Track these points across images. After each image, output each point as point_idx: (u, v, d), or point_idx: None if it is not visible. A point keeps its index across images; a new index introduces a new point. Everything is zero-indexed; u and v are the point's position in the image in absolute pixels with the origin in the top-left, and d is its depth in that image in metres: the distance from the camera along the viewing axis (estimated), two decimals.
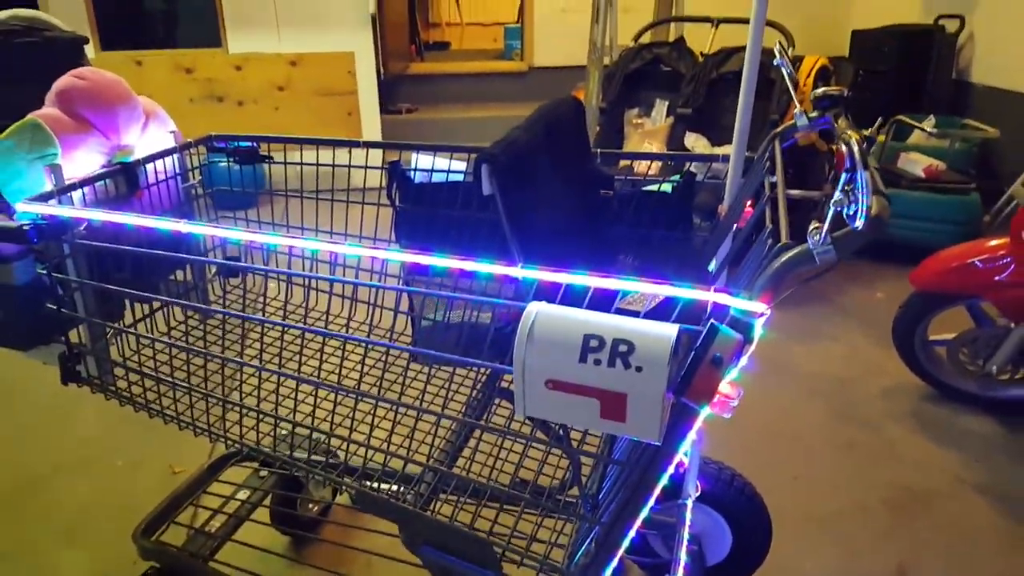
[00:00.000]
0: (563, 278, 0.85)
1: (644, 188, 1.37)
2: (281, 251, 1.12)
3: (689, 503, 1.47)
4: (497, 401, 1.44)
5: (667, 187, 1.37)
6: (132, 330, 1.23)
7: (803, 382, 2.60)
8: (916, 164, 3.57)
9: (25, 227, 1.06)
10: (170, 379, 1.18)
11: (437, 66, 6.25)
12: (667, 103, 3.57)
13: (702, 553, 1.60)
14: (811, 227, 0.77)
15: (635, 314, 0.85)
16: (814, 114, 1.24)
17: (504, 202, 0.90)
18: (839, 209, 0.71)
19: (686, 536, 1.44)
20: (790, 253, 0.78)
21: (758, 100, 1.35)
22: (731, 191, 1.35)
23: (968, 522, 1.91)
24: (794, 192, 3.32)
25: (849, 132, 0.78)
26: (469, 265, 0.87)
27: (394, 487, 1.18)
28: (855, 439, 2.27)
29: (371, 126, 4.95)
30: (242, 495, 1.55)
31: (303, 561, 1.70)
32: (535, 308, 0.81)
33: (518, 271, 0.86)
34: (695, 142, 3.38)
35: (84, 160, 1.26)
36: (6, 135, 1.19)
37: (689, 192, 1.34)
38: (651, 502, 0.93)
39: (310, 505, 1.80)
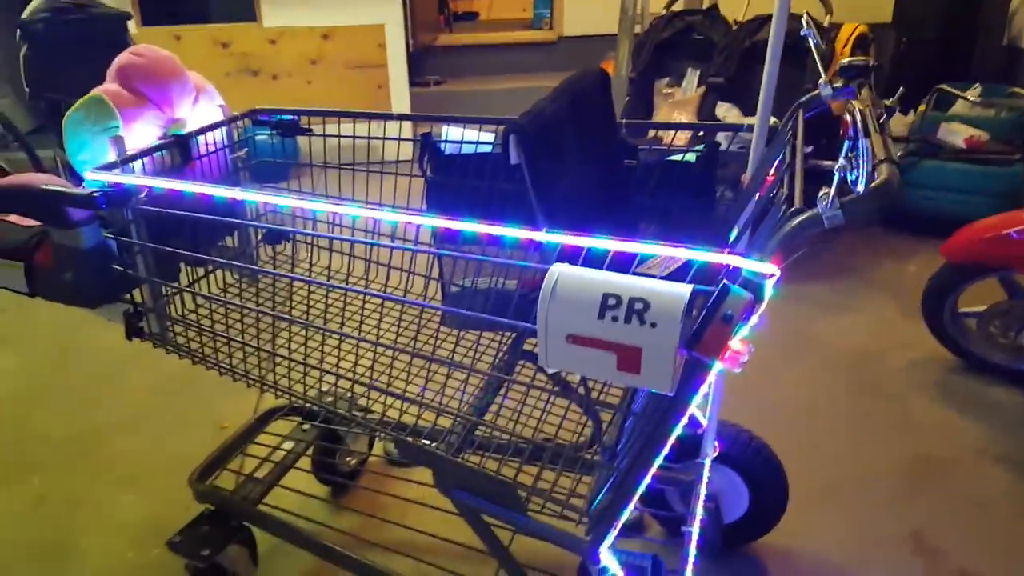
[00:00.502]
0: (585, 241, 0.91)
1: (668, 158, 1.42)
2: (322, 219, 1.20)
3: (707, 462, 1.54)
4: (521, 363, 1.52)
5: (691, 157, 1.41)
6: (191, 289, 1.34)
7: (828, 353, 2.62)
8: (957, 134, 3.51)
9: (94, 194, 1.16)
10: (224, 334, 1.28)
11: (465, 37, 6.23)
12: (699, 72, 3.55)
13: (719, 511, 1.67)
14: (821, 192, 0.82)
15: (653, 278, 0.91)
16: (839, 84, 1.28)
17: (530, 171, 0.96)
18: (843, 175, 0.76)
19: (703, 492, 1.51)
20: (800, 217, 0.83)
21: (792, 70, 1.37)
22: (754, 160, 1.39)
23: (986, 492, 1.93)
24: (825, 163, 3.30)
25: (854, 102, 0.82)
26: (496, 229, 0.94)
27: (428, 430, 1.27)
28: (877, 409, 2.29)
29: (400, 99, 5.01)
30: (287, 446, 1.67)
31: (345, 506, 1.82)
32: (558, 269, 0.87)
33: (542, 235, 0.92)
34: (727, 112, 3.37)
35: (142, 132, 1.36)
36: (74, 109, 1.29)
37: (712, 162, 1.38)
38: (665, 450, 1.00)
39: (348, 458, 1.91)
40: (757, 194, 1.36)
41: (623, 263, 0.92)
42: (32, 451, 2.13)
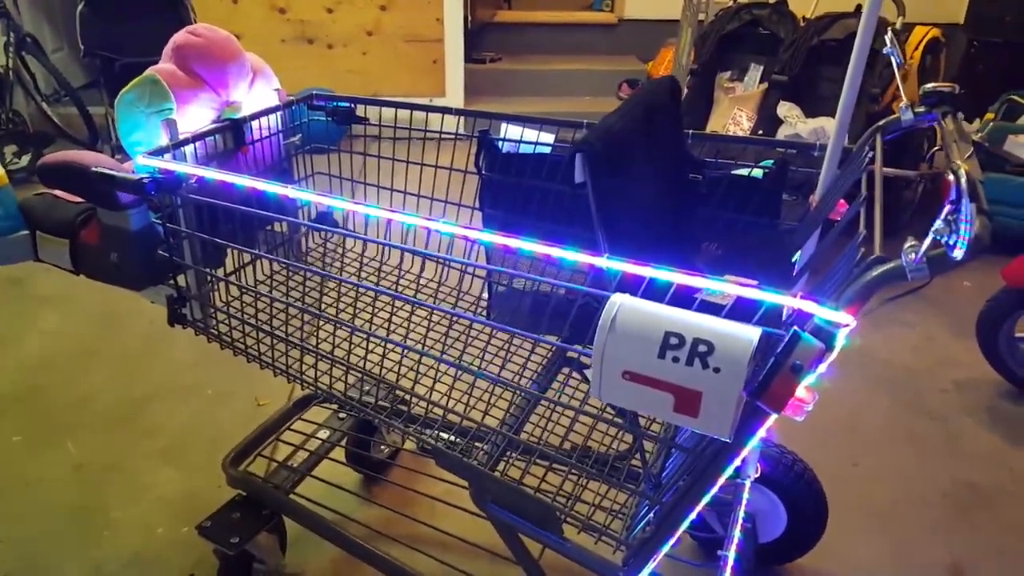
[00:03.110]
0: (647, 272, 0.87)
1: (734, 172, 1.36)
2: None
3: (747, 483, 1.50)
4: (566, 370, 1.49)
5: (758, 172, 1.35)
6: (232, 279, 1.32)
7: (873, 369, 2.55)
8: (1023, 148, 3.36)
9: (144, 180, 1.14)
10: (265, 326, 1.27)
11: (524, 15, 6.13)
12: (762, 68, 3.43)
13: (755, 531, 1.64)
14: (907, 244, 0.76)
15: (718, 308, 0.87)
16: (920, 109, 1.20)
17: (595, 193, 0.92)
18: (939, 238, 0.71)
19: (742, 515, 1.47)
20: (882, 268, 0.78)
21: None
22: (824, 182, 1.32)
23: None
24: (889, 171, 3.19)
25: (959, 162, 0.76)
26: (555, 252, 0.90)
27: (463, 442, 1.25)
28: (920, 430, 2.23)
29: (455, 75, 4.95)
30: (322, 434, 1.66)
31: (373, 500, 1.82)
32: (619, 300, 0.83)
33: (604, 262, 0.88)
34: (788, 112, 3.26)
35: (196, 115, 1.34)
36: (128, 89, 1.27)
37: (781, 180, 1.32)
38: (713, 491, 0.97)
39: (382, 448, 1.90)
40: (824, 218, 1.30)
41: (686, 289, 0.88)
42: (73, 416, 2.16)
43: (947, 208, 0.69)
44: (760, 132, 3.27)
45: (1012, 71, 4.27)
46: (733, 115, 3.41)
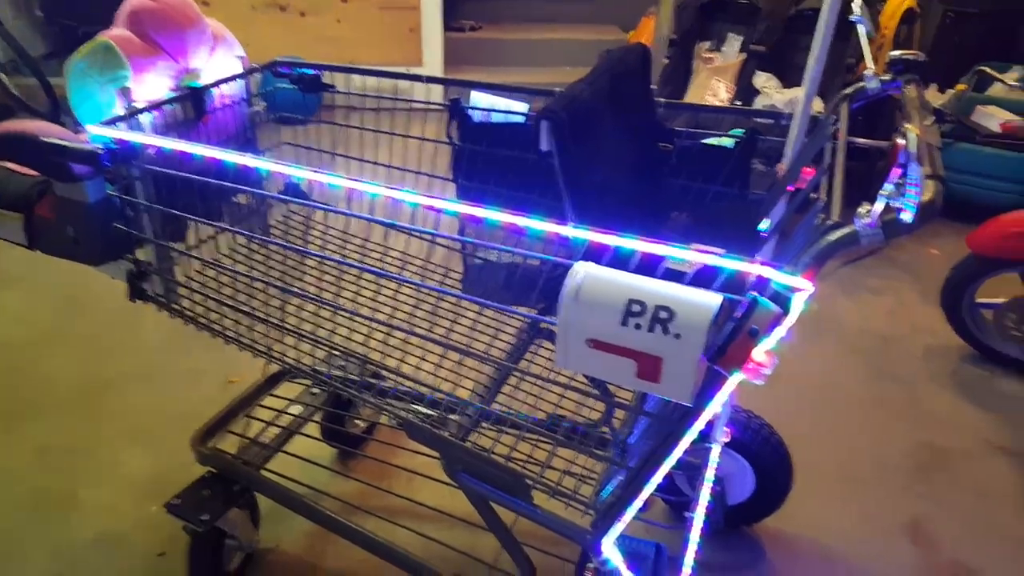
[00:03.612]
0: (613, 240, 0.86)
1: (704, 141, 1.36)
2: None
3: (716, 447, 1.52)
4: (539, 341, 1.49)
5: (728, 142, 1.35)
6: (195, 254, 1.30)
7: (844, 336, 2.59)
8: (992, 118, 3.39)
9: (98, 150, 1.11)
10: (230, 301, 1.25)
11: None
12: (741, 39, 3.42)
13: (724, 493, 1.67)
14: (861, 209, 0.77)
15: (681, 275, 0.87)
16: (886, 76, 1.21)
17: (561, 160, 0.91)
18: (888, 201, 0.71)
19: (710, 478, 1.50)
20: (837, 233, 0.79)
21: (833, 41, 1.28)
22: (792, 150, 1.32)
23: (990, 484, 1.93)
24: (861, 140, 3.21)
25: (908, 126, 0.76)
26: (522, 221, 0.90)
27: (436, 413, 1.25)
28: (889, 395, 2.28)
29: (432, 44, 4.85)
30: (294, 410, 1.65)
31: (348, 474, 1.82)
32: (582, 269, 0.83)
33: (569, 230, 0.88)
34: (765, 82, 3.26)
35: (153, 83, 1.30)
36: (79, 56, 1.22)
37: (751, 149, 1.32)
38: (677, 454, 0.98)
39: (357, 422, 1.90)
40: (791, 187, 1.30)
41: (651, 257, 0.88)
42: (36, 399, 2.12)
43: (896, 172, 0.70)
44: (738, 102, 3.26)
45: (986, 42, 4.28)
46: (711, 85, 3.40)
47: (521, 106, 1.42)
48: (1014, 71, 3.69)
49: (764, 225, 1.34)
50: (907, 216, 0.69)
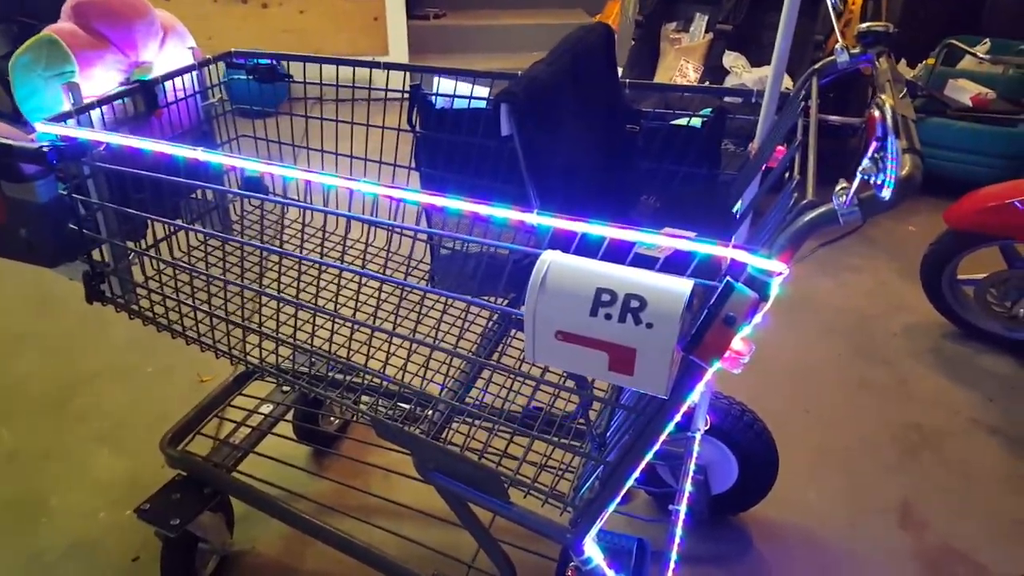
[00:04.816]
0: (579, 227, 0.83)
1: (672, 122, 1.33)
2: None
3: (697, 436, 1.50)
4: (512, 332, 1.46)
5: (697, 122, 1.32)
6: (152, 253, 1.25)
7: (824, 314, 2.58)
8: (963, 92, 3.39)
9: (44, 148, 1.06)
10: (190, 301, 1.20)
11: None
12: (707, 18, 3.39)
13: (707, 483, 1.65)
14: (838, 187, 0.74)
15: (653, 260, 0.84)
16: (856, 50, 1.18)
17: (523, 144, 0.88)
18: (866, 177, 0.68)
19: (692, 468, 1.48)
20: (813, 213, 0.76)
21: (801, 18, 1.26)
22: (763, 128, 1.30)
23: (976, 462, 1.93)
24: (833, 118, 3.20)
25: (883, 97, 0.73)
26: (484, 210, 0.86)
27: (410, 407, 1.22)
28: (871, 375, 2.27)
29: (397, 33, 4.79)
30: (265, 409, 1.61)
31: (322, 474, 1.78)
32: (549, 258, 0.80)
33: (534, 218, 0.84)
34: (734, 61, 3.23)
35: (101, 78, 1.24)
36: (22, 51, 1.17)
37: (720, 129, 1.29)
38: (655, 447, 0.95)
39: (331, 419, 1.86)
40: (763, 166, 1.28)
41: (621, 244, 0.85)
42: (4, 403, 2.07)
43: (873, 146, 0.67)
44: (707, 83, 3.24)
45: (953, 17, 4.30)
46: (680, 66, 3.37)
47: (483, 91, 1.38)
48: (984, 44, 3.70)
49: (737, 207, 1.32)
50: (886, 193, 0.66)
